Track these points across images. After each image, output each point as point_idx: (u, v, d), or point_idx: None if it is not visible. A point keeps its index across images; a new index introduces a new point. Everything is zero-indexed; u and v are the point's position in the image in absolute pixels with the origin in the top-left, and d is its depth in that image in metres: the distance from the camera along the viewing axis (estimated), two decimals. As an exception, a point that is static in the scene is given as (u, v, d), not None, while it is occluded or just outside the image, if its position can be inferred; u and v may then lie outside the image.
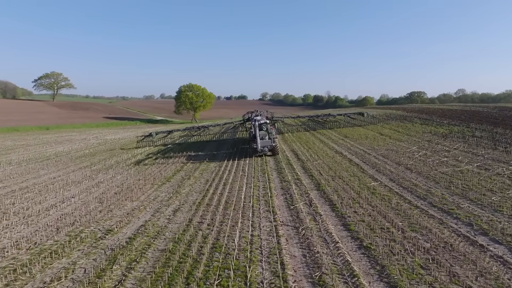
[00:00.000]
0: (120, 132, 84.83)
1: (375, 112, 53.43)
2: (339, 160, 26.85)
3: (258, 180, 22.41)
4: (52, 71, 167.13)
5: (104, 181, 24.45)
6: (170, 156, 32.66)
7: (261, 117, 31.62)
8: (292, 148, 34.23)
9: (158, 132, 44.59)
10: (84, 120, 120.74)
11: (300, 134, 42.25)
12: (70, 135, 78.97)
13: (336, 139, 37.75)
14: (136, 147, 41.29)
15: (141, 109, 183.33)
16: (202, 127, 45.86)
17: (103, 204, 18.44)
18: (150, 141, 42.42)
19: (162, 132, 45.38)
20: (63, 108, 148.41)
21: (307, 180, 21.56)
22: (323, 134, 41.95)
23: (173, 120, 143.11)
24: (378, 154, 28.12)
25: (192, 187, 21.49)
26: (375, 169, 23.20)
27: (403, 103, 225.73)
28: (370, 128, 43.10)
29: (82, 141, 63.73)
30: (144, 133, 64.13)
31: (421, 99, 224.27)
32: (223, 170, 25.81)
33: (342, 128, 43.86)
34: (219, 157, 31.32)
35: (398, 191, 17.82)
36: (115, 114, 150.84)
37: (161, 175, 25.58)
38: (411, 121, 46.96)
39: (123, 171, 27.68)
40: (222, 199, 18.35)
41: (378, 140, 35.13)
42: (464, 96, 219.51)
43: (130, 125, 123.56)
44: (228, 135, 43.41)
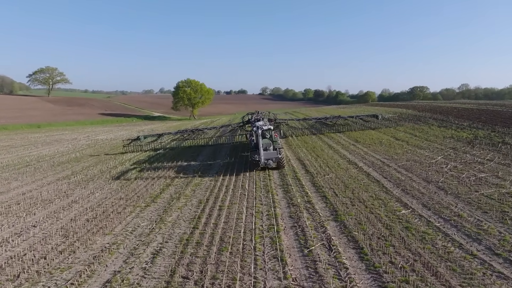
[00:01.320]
0: (114, 130, 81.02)
1: (388, 113, 48.66)
2: (355, 173, 23.04)
3: (260, 201, 18.65)
4: (46, 66, 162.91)
5: (79, 200, 20.71)
6: (158, 167, 28.80)
7: (263, 121, 27.66)
8: (298, 155, 30.42)
9: (147, 136, 40.50)
10: (79, 117, 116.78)
11: (306, 138, 38.34)
12: (61, 134, 75.13)
13: (347, 144, 33.93)
14: (123, 152, 37.38)
15: (139, 105, 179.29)
16: (196, 130, 41.69)
17: (68, 240, 14.68)
18: (138, 146, 38.40)
19: (151, 135, 41.38)
20: (58, 104, 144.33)
21: (320, 203, 17.78)
22: (331, 137, 38.07)
23: (171, 117, 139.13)
24: (399, 166, 24.32)
25: (181, 212, 17.73)
26: (401, 188, 19.42)
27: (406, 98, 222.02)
28: (382, 131, 39.22)
29: (72, 141, 59.99)
30: (131, 137, 60.13)
31: (424, 94, 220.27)
32: (219, 187, 22.01)
33: (352, 132, 39.89)
34: (215, 168, 27.50)
35: (440, 226, 14.05)
36: (111, 110, 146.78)
37: (146, 192, 21.82)
38: (427, 123, 43.09)
39: (104, 185, 23.93)
40: (216, 233, 14.59)
41: (394, 146, 31.31)
42: (467, 91, 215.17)
43: (126, 122, 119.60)
44: (226, 139, 39.46)
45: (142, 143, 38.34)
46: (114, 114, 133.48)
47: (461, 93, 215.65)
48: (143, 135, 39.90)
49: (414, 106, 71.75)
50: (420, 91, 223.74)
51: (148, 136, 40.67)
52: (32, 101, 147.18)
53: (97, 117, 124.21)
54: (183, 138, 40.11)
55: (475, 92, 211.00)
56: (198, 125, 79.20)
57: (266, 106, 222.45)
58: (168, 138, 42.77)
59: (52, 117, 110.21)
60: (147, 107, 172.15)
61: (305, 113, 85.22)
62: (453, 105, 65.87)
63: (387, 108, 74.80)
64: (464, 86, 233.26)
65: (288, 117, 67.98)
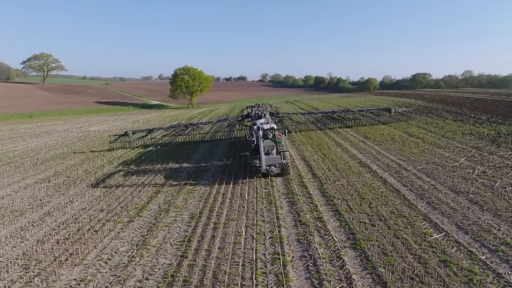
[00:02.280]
0: (109, 120, 78.06)
1: (399, 106, 44.57)
2: (369, 180, 20.26)
3: (262, 217, 15.94)
4: (41, 52, 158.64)
5: (54, 212, 17.99)
6: (147, 170, 25.78)
7: (265, 118, 24.50)
8: (303, 155, 27.59)
9: (136, 131, 37.23)
10: (74, 106, 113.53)
11: (311, 134, 35.32)
12: (53, 124, 72.17)
13: (355, 141, 31.06)
14: (110, 149, 34.37)
15: (137, 92, 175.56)
16: (191, 125, 38.49)
17: (27, 273, 11.99)
18: (126, 142, 35.22)
19: (141, 131, 38.09)
20: (53, 92, 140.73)
21: (333, 221, 15.05)
22: (337, 133, 35.13)
23: (169, 105, 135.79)
24: (418, 170, 21.52)
25: (168, 232, 15.00)
26: (425, 200, 16.66)
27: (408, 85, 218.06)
28: (393, 126, 36.24)
29: (63, 133, 57.16)
30: (125, 128, 56.95)
31: (426, 81, 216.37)
32: (214, 195, 19.25)
33: (360, 126, 36.81)
34: (211, 171, 24.66)
35: (486, 260, 11.33)
36: (108, 98, 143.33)
37: (132, 201, 19.09)
38: (440, 116, 40.13)
39: (86, 191, 21.20)
40: (209, 266, 11.89)
41: (409, 144, 28.46)
42: (470, 78, 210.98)
43: (123, 111, 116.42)
44: (223, 134, 36.60)
45: (130, 139, 35.28)
46: (110, 103, 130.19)
47: (464, 80, 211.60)
48: (132, 131, 36.66)
49: (422, 95, 68.53)
50: (423, 77, 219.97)
51: (137, 131, 37.47)
52: (26, 88, 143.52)
53: (93, 105, 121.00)
54: (176, 134, 36.98)
55: (478, 79, 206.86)
56: (195, 115, 76.10)
57: (266, 93, 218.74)
58: (160, 134, 39.55)
59: (46, 106, 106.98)
60: (145, 95, 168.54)
61: (307, 102, 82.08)
62: (464, 94, 62.67)
63: (393, 98, 71.62)
64: (467, 72, 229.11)
65: (290, 108, 64.64)
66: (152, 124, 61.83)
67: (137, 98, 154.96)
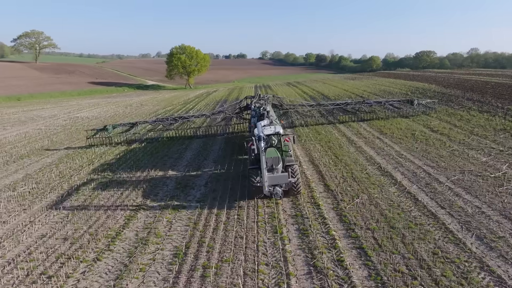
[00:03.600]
0: (101, 104, 73.86)
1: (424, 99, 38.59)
2: (395, 197, 16.56)
3: (266, 258, 12.33)
4: (32, 30, 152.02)
5: (5, 241, 14.38)
6: (126, 179, 21.36)
7: (268, 118, 19.85)
8: (311, 156, 23.80)
9: (117, 125, 32.29)
10: (66, 87, 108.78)
11: (319, 128, 31.20)
12: (41, 109, 68.02)
13: (370, 138, 27.21)
14: (88, 146, 30.25)
15: (133, 72, 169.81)
16: (180, 119, 33.36)
17: None
18: (106, 138, 30.83)
19: (123, 124, 32.96)
20: (45, 71, 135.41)
21: (359, 270, 11.44)
22: (349, 126, 31.08)
23: (165, 86, 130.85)
24: (454, 181, 17.80)
25: (143, 282, 11.41)
26: (474, 233, 13.01)
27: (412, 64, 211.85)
28: (411, 118, 32.15)
29: (49, 120, 53.22)
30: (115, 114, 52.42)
31: (430, 59, 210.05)
32: (206, 218, 15.58)
33: (375, 120, 32.45)
34: (202, 181, 20.72)
35: None
36: (102, 78, 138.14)
37: (103, 225, 15.45)
38: (462, 105, 36.08)
39: (53, 207, 17.54)
40: None
41: (433, 143, 24.63)
42: (476, 56, 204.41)
43: (117, 92, 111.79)
44: (218, 129, 31.88)
45: (110, 134, 31.02)
46: (104, 83, 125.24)
47: (470, 58, 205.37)
48: (112, 125, 32.08)
49: (435, 78, 63.98)
50: (427, 55, 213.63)
51: (118, 125, 32.65)
52: (17, 68, 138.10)
53: (86, 86, 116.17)
54: (164, 129, 32.57)
55: (484, 57, 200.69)
56: (192, 99, 71.71)
57: (266, 72, 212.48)
58: (145, 128, 34.59)
59: (36, 88, 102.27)
60: (141, 74, 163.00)
61: (311, 86, 77.45)
62: (481, 78, 58.02)
63: (403, 81, 67.18)
64: (473, 50, 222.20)
65: (292, 93, 59.65)
66: (145, 109, 57.75)
67: (133, 78, 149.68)
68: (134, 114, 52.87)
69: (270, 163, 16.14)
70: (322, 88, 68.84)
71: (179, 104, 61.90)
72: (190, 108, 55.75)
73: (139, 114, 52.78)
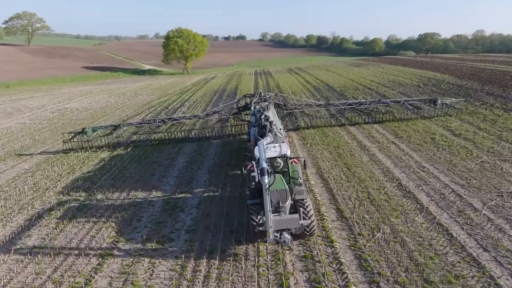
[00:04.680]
0: (94, 92, 70.55)
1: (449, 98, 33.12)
2: (424, 231, 13.74)
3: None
4: (23, 11, 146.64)
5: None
6: (102, 199, 18.17)
7: (270, 133, 15.97)
8: (318, 167, 20.89)
9: (97, 128, 28.87)
10: (59, 72, 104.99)
11: (327, 131, 27.76)
12: (30, 98, 64.74)
13: (384, 143, 24.25)
14: (66, 151, 26.96)
15: (130, 55, 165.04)
16: (169, 120, 29.49)
17: None
18: (85, 141, 27.27)
19: (104, 127, 29.38)
20: (38, 55, 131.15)
21: None
22: (359, 127, 27.87)
23: (162, 71, 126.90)
24: (492, 209, 14.97)
25: None
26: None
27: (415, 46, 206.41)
28: (429, 119, 28.89)
29: (36, 111, 50.16)
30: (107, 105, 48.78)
31: (434, 41, 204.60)
32: (193, 269, 12.61)
33: (389, 122, 28.74)
34: (192, 202, 17.70)
35: None
36: (97, 62, 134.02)
37: (70, 271, 12.68)
38: (482, 101, 32.90)
39: (8, 243, 14.74)
40: None
41: (457, 150, 21.70)
42: (482, 38, 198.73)
43: (112, 77, 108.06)
44: (212, 131, 28.19)
45: (89, 138, 27.40)
46: (99, 68, 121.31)
47: (475, 40, 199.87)
48: (91, 128, 28.34)
49: (446, 66, 60.32)
50: (431, 38, 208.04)
51: (99, 128, 29.14)
52: (9, 52, 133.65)
53: (80, 71, 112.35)
54: (151, 131, 28.63)
55: (490, 39, 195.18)
56: (188, 87, 68.17)
57: (265, 54, 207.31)
58: (130, 130, 30.76)
59: (28, 73, 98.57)
60: (138, 58, 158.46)
61: (313, 73, 73.71)
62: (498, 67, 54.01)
63: (411, 69, 63.63)
64: (479, 32, 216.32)
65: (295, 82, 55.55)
66: (138, 100, 54.52)
67: (129, 62, 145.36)
68: (126, 106, 49.73)
69: (276, 199, 12.45)
70: (326, 76, 65.18)
71: (175, 94, 58.60)
72: (185, 99, 52.52)
73: (131, 106, 49.64)
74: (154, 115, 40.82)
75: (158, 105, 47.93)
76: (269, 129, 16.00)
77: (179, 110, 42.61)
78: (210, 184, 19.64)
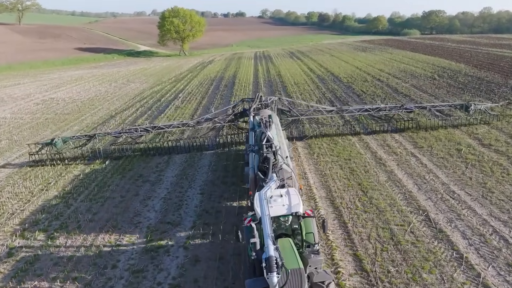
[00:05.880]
0: (85, 78, 66.84)
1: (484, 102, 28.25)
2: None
3: None
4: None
5: None
6: (69, 243, 14.68)
7: (274, 171, 12.52)
8: (329, 189, 17.90)
9: (68, 139, 24.46)
10: (50, 55, 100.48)
11: (338, 141, 23.81)
12: (15, 85, 61.07)
13: (403, 155, 21.19)
14: (32, 164, 23.35)
15: (125, 34, 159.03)
16: (154, 129, 24.87)
17: None
18: (54, 153, 23.46)
19: (77, 137, 24.93)
20: (29, 35, 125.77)
21: None
22: (376, 138, 24.00)
23: (158, 52, 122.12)
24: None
25: None
26: None
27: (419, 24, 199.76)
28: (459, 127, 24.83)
29: (20, 102, 46.87)
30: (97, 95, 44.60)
31: (439, 19, 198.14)
32: None
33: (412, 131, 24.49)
34: (180, 240, 14.80)
35: None
36: (91, 43, 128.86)
37: None
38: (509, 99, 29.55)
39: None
40: None
41: (491, 169, 18.67)
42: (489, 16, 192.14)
43: (105, 60, 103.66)
44: (204, 140, 24.45)
45: (59, 150, 23.55)
46: (93, 49, 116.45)
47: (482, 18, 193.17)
48: (62, 138, 24.06)
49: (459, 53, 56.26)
50: (436, 15, 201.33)
51: (70, 138, 24.65)
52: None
53: (72, 53, 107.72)
54: (133, 142, 24.55)
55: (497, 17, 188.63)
56: (184, 74, 64.24)
57: (265, 33, 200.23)
58: (107, 140, 26.56)
59: (17, 55, 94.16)
60: (134, 38, 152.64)
61: (317, 59, 69.56)
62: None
63: (422, 56, 59.76)
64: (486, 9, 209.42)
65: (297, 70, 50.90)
66: (130, 89, 51.00)
67: (125, 43, 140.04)
68: (116, 97, 46.34)
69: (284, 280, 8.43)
70: (331, 63, 61.16)
71: (169, 82, 54.97)
72: (180, 89, 49.01)
73: (122, 97, 46.27)
74: (145, 110, 37.51)
75: (150, 97, 44.51)
76: (273, 164, 12.52)
77: (171, 104, 39.25)
78: (202, 212, 16.75)
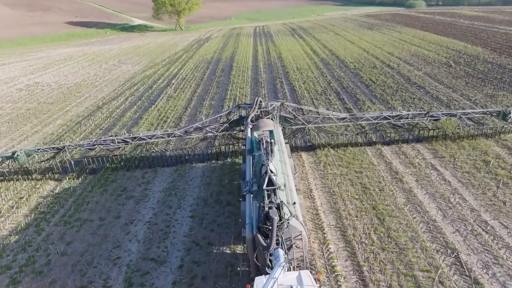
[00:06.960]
0: (75, 57, 63.30)
1: None
2: None
3: None
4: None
5: None
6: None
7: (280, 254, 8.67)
8: (338, 214, 15.46)
9: (32, 152, 20.78)
10: (38, 30, 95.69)
11: (347, 148, 20.91)
12: (1, 66, 57.64)
13: (422, 168, 18.60)
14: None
15: (119, 7, 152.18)
16: (134, 140, 20.79)
17: None
18: (17, 167, 20.52)
19: (43, 150, 21.03)
20: (17, 8, 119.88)
21: None
22: (398, 152, 20.81)
23: (153, 26, 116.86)
24: None
25: None
26: None
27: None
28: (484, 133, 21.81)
29: (2, 87, 44.04)
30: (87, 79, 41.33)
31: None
32: None
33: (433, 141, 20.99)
34: (166, 282, 12.75)
35: None
36: (83, 16, 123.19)
37: None
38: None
39: None
40: None
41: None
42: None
43: (98, 35, 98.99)
44: (195, 150, 21.35)
45: (22, 163, 20.17)
46: (84, 23, 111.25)
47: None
48: (24, 151, 20.40)
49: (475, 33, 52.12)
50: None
51: (35, 151, 20.90)
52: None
53: (63, 28, 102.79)
54: (110, 154, 20.94)
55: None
56: (179, 54, 60.38)
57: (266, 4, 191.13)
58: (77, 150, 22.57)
59: (4, 31, 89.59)
60: (129, 10, 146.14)
61: (320, 38, 65.41)
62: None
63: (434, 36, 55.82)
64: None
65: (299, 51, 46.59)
66: (120, 72, 47.69)
67: (118, 16, 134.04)
68: (105, 82, 43.20)
69: None
70: (335, 43, 57.16)
71: (163, 65, 51.48)
72: (174, 73, 45.73)
73: (111, 82, 43.16)
74: (135, 100, 34.47)
75: (141, 83, 41.34)
76: (278, 226, 9.61)
77: (164, 93, 36.21)
78: (191, 244, 14.39)
